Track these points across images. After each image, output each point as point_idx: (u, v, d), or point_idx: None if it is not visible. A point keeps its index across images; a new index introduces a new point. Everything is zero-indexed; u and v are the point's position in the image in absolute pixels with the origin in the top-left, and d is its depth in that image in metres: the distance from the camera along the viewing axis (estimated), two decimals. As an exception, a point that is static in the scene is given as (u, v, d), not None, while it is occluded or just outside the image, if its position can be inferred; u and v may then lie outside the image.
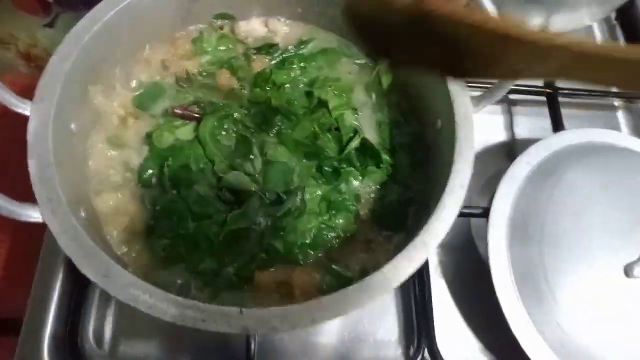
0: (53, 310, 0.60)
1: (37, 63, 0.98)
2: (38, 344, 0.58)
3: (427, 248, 0.47)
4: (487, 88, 0.59)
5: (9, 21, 0.97)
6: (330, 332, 0.64)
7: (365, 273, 0.55)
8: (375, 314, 0.66)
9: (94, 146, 0.59)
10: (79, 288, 0.61)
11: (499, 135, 0.84)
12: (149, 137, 0.61)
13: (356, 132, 0.62)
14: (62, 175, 0.49)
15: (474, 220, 0.74)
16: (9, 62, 0.97)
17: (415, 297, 0.65)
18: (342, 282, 0.55)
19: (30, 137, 0.49)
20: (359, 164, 0.62)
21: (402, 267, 0.46)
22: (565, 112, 0.81)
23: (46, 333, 0.59)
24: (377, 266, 0.54)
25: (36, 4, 0.97)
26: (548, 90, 0.83)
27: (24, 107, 0.51)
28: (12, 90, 0.52)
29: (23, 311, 0.60)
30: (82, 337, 0.61)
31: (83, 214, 0.51)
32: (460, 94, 0.55)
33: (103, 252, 0.45)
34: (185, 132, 0.61)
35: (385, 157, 0.62)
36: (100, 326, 0.63)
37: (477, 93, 0.58)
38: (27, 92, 0.53)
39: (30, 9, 0.98)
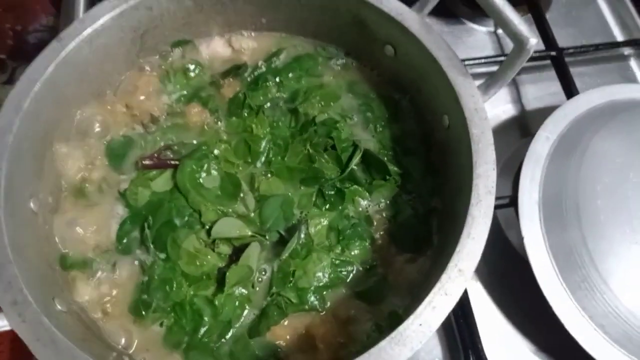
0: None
1: (3, 123, 0.93)
2: None
3: (463, 275, 0.40)
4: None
5: (-34, 86, 0.92)
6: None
7: (394, 314, 0.48)
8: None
9: (61, 220, 0.52)
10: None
11: (507, 110, 0.78)
12: (122, 197, 0.54)
13: (355, 145, 0.55)
14: (27, 268, 0.42)
15: (499, 211, 0.67)
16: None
17: (453, 309, 0.58)
18: (372, 324, 0.47)
19: (-20, 233, 0.42)
20: (363, 180, 0.55)
21: (440, 305, 0.39)
22: (573, 70, 0.74)
23: None
24: (406, 299, 0.48)
25: (-11, 63, 0.92)
26: (552, 53, 0.75)
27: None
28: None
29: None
30: None
31: (59, 307, 0.44)
32: (465, 83, 0.48)
33: (85, 354, 0.38)
34: (161, 182, 0.54)
35: (392, 167, 0.55)
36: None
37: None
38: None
39: (-15, 70, 0.92)
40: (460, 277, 0.40)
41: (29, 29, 0.93)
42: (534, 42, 0.43)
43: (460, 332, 0.57)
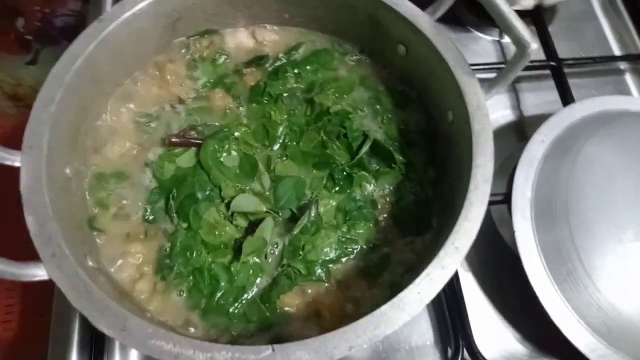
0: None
1: (24, 102, 0.96)
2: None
3: (459, 252, 0.44)
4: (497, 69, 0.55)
5: (-10, 65, 0.95)
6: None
7: (394, 285, 0.53)
8: (407, 319, 0.63)
9: (92, 187, 0.56)
10: (97, 337, 0.57)
11: (506, 115, 0.81)
12: (149, 169, 0.58)
13: (365, 135, 0.60)
14: (63, 226, 0.46)
15: (493, 207, 0.71)
16: (-4, 105, 0.95)
17: (445, 296, 0.63)
18: (373, 297, 0.52)
19: (24, 191, 0.46)
20: (371, 167, 0.60)
21: (437, 277, 0.43)
22: (571, 81, 0.78)
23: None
24: (405, 276, 0.53)
25: (15, 43, 0.95)
26: (552, 63, 0.79)
27: (12, 159, 0.48)
28: (3, 133, 0.49)
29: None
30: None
31: (90, 263, 0.48)
32: (470, 82, 0.52)
33: (117, 304, 0.42)
34: (186, 159, 0.58)
35: (398, 157, 0.59)
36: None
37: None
38: (18, 133, 0.50)
39: (10, 49, 0.95)
40: (456, 254, 0.44)
41: (57, 12, 0.96)
42: (535, 47, 0.47)
43: (451, 318, 0.61)
